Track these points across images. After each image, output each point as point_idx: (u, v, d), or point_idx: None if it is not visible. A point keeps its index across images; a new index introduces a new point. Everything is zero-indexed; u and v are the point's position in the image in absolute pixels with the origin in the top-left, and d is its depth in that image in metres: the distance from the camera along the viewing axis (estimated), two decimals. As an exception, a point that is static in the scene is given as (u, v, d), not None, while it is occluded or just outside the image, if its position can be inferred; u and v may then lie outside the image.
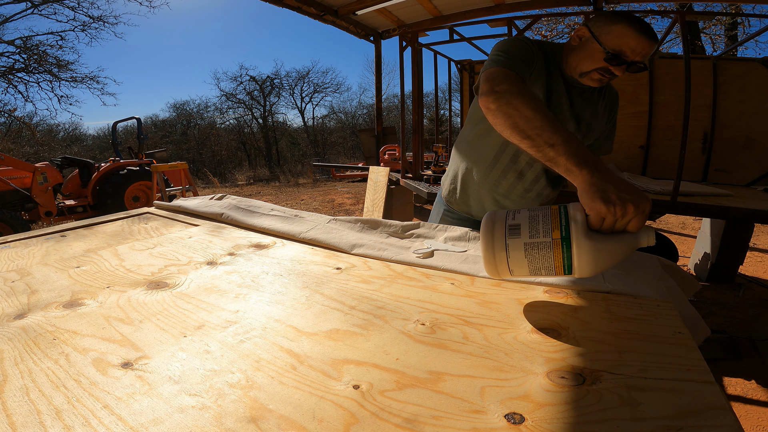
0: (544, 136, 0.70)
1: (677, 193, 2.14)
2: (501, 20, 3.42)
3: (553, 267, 0.58)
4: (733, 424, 0.37)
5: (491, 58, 0.93)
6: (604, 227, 0.58)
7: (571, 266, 0.57)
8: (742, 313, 2.62)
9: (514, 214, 0.62)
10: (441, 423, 0.38)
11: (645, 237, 0.57)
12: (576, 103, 1.08)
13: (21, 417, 0.38)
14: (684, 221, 5.20)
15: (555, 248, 0.57)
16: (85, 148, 20.20)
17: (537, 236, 0.58)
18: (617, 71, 0.97)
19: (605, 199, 0.57)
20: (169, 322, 0.58)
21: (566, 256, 0.57)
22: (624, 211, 0.56)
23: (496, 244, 0.59)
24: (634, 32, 0.91)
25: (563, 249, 0.56)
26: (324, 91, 24.87)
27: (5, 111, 14.20)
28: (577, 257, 0.56)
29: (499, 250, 0.59)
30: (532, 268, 0.59)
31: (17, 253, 0.90)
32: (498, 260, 0.60)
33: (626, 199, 0.56)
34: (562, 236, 0.56)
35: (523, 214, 0.61)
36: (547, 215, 0.59)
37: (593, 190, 0.59)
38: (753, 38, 3.57)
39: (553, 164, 0.70)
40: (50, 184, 5.41)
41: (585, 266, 0.57)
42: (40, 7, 13.56)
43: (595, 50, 0.97)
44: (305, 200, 8.08)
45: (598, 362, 0.47)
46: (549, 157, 0.70)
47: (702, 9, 8.18)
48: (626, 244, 0.57)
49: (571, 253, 0.56)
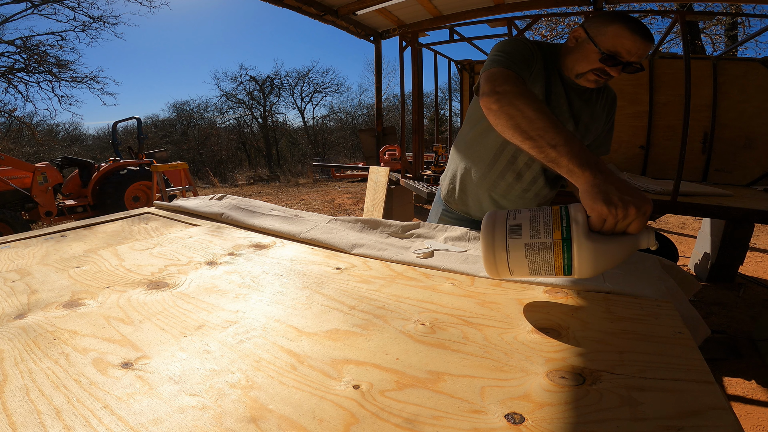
0: (547, 137, 0.70)
1: (677, 193, 2.14)
2: (501, 20, 3.42)
3: (553, 268, 0.58)
4: (733, 424, 0.37)
5: (491, 59, 0.93)
6: (605, 229, 0.58)
7: (571, 267, 0.58)
8: (742, 313, 2.62)
9: (515, 214, 0.61)
10: (441, 423, 0.38)
11: (645, 239, 0.57)
12: (575, 104, 1.09)
13: (21, 417, 0.38)
14: (684, 221, 5.20)
15: (556, 249, 0.57)
16: (85, 148, 20.21)
17: (538, 237, 0.57)
18: (613, 72, 0.97)
19: (607, 201, 0.57)
20: (169, 322, 0.58)
21: (567, 256, 0.57)
22: (625, 213, 0.56)
23: (496, 244, 0.59)
24: (629, 32, 0.91)
25: (564, 250, 0.56)
26: (324, 91, 24.91)
27: (5, 111, 14.22)
28: (577, 258, 0.56)
29: (500, 251, 0.59)
30: (533, 269, 0.59)
31: (17, 253, 0.90)
32: (498, 260, 0.60)
33: (628, 200, 0.56)
34: (563, 237, 0.56)
35: (524, 214, 0.61)
36: (548, 216, 0.59)
37: (595, 192, 0.59)
38: (753, 38, 3.57)
39: (555, 165, 0.70)
40: (50, 184, 5.41)
41: (585, 267, 0.57)
42: (40, 7, 13.57)
43: (591, 51, 0.97)
44: (305, 200, 8.08)
45: (598, 362, 0.47)
46: (551, 158, 0.70)
47: (702, 9, 8.18)
48: (627, 246, 0.57)
49: (571, 254, 0.56)
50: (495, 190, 1.17)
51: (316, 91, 24.68)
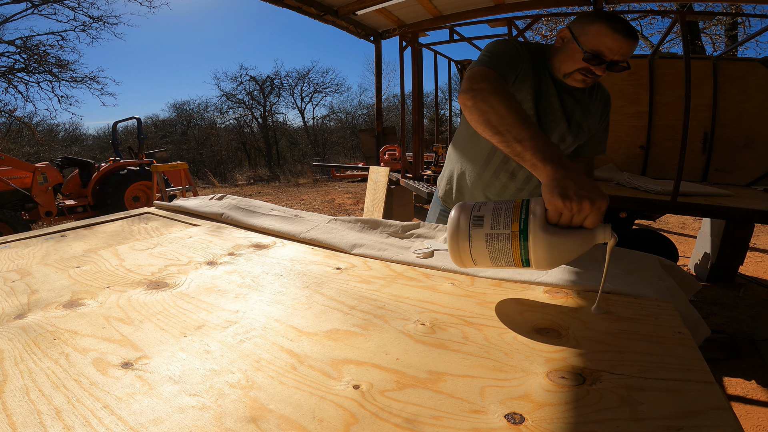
0: (513, 132, 0.73)
1: (677, 193, 2.14)
2: (501, 20, 3.42)
3: (512, 258, 0.60)
4: (733, 424, 0.37)
5: (478, 58, 0.96)
6: (562, 222, 0.60)
7: (528, 258, 0.59)
8: (742, 313, 2.62)
9: (480, 206, 0.63)
10: (441, 423, 0.38)
11: (601, 234, 0.58)
12: (567, 103, 1.10)
13: (21, 417, 0.38)
14: (684, 221, 5.20)
15: (513, 240, 0.58)
16: (85, 148, 20.20)
17: (498, 227, 0.59)
18: (598, 71, 0.98)
19: (563, 195, 0.59)
20: (169, 322, 0.58)
21: (523, 247, 0.58)
22: (580, 207, 0.58)
23: (460, 233, 0.61)
24: (611, 31, 0.93)
25: (521, 241, 0.58)
26: (324, 91, 24.89)
27: (5, 111, 14.21)
28: (533, 249, 0.58)
29: (463, 240, 0.61)
30: (493, 258, 0.61)
31: (17, 253, 0.90)
32: (461, 249, 0.61)
33: (583, 195, 0.58)
34: (521, 228, 0.58)
35: (488, 206, 0.63)
36: (510, 208, 0.61)
37: (553, 186, 0.61)
38: (753, 38, 3.57)
39: (521, 159, 0.71)
40: (50, 184, 5.41)
41: (541, 259, 0.58)
42: (40, 7, 13.56)
43: (576, 51, 0.99)
44: (305, 200, 8.08)
45: (598, 362, 0.47)
46: (517, 152, 0.72)
47: (702, 9, 8.18)
48: (582, 240, 0.58)
49: (528, 245, 0.58)
50: (490, 189, 1.18)
51: (316, 91, 24.69)
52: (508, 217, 0.59)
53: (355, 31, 4.11)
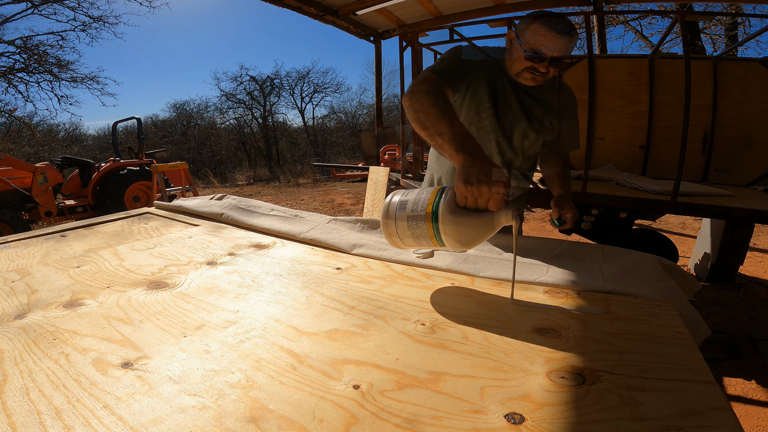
0: (437, 127, 0.81)
1: (677, 193, 2.14)
2: (501, 20, 3.42)
3: (428, 238, 0.66)
4: (733, 424, 0.37)
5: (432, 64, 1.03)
6: (468, 205, 0.66)
7: (440, 238, 0.65)
8: (742, 313, 2.62)
9: (407, 193, 0.70)
10: (441, 423, 0.38)
11: (504, 216, 0.63)
12: (524, 102, 1.15)
13: (21, 417, 0.38)
14: (684, 221, 5.20)
15: (427, 221, 0.65)
16: (85, 148, 20.19)
17: (416, 210, 0.66)
18: (541, 68, 1.03)
19: (466, 181, 0.65)
20: (169, 322, 0.58)
21: (435, 228, 0.64)
22: (479, 191, 0.64)
23: (389, 216, 0.68)
24: (545, 29, 0.97)
25: (432, 222, 0.64)
26: (324, 91, 24.86)
27: (5, 111, 14.20)
28: (442, 230, 0.64)
29: (390, 222, 0.68)
30: (416, 238, 0.67)
31: (17, 253, 0.90)
32: (390, 231, 0.69)
33: (483, 180, 0.64)
34: (433, 211, 0.65)
35: (413, 192, 0.70)
36: (429, 193, 0.68)
37: (460, 172, 0.67)
38: (753, 38, 3.57)
39: (443, 151, 0.79)
40: (50, 184, 5.41)
41: (450, 238, 0.64)
42: (40, 7, 13.56)
43: (519, 50, 1.04)
44: (305, 200, 8.08)
45: (598, 362, 0.47)
46: (438, 144, 0.80)
47: (702, 9, 8.18)
48: (486, 221, 0.64)
49: (438, 225, 0.64)
50: None
51: (316, 91, 24.67)
52: (425, 201, 0.66)
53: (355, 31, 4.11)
